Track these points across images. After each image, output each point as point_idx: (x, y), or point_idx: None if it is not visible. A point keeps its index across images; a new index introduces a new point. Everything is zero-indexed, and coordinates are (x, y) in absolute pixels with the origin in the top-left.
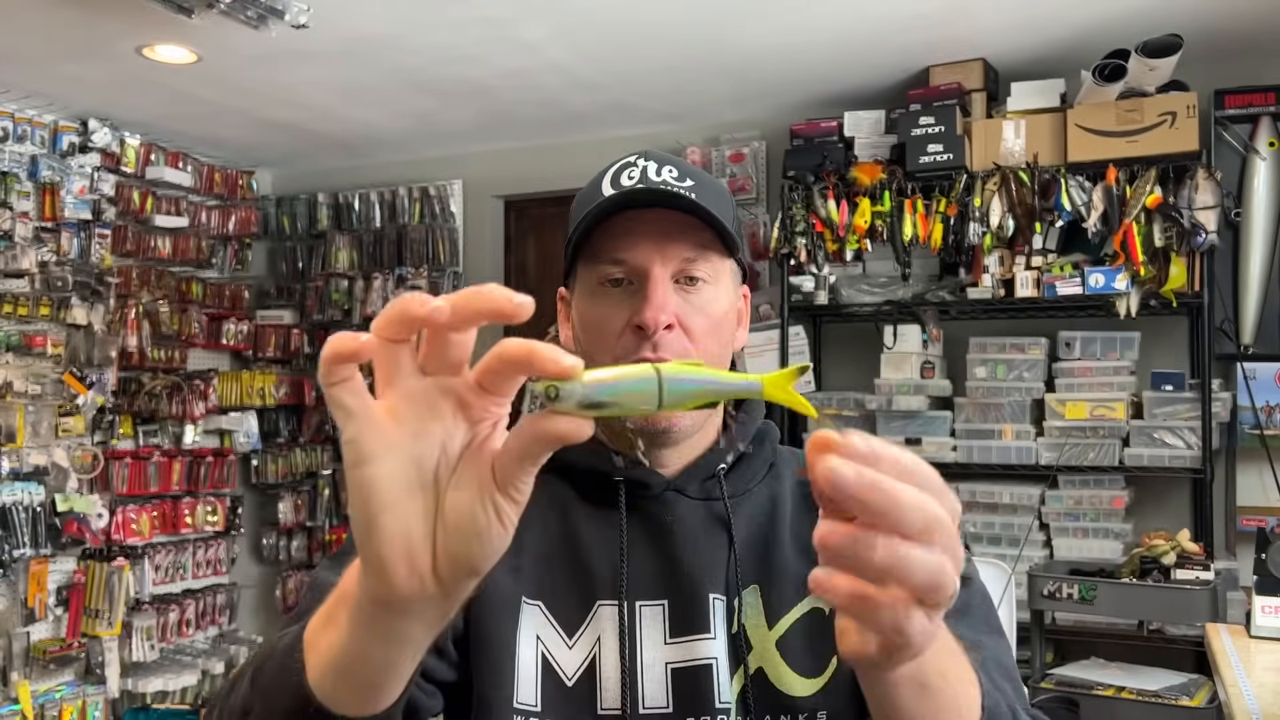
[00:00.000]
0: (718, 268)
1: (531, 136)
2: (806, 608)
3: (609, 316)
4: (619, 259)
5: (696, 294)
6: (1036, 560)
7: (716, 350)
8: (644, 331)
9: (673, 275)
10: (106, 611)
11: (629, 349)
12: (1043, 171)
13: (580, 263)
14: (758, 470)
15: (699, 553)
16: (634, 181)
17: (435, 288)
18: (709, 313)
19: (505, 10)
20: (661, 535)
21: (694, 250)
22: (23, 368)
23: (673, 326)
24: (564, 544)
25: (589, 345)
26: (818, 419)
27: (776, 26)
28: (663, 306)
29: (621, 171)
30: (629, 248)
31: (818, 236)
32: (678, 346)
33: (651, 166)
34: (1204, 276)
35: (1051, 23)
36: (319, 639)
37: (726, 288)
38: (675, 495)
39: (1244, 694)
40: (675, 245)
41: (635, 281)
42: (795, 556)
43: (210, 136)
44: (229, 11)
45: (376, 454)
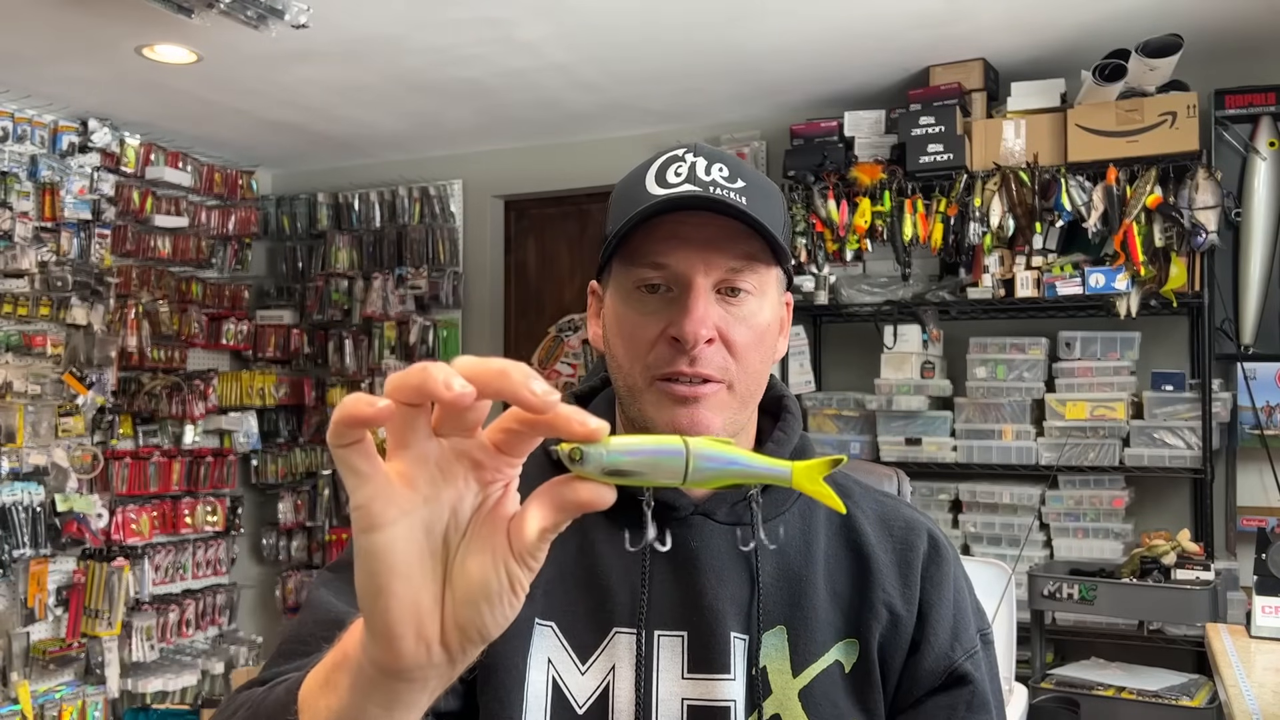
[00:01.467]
0: (764, 278)
1: (531, 136)
2: (833, 659)
3: (644, 323)
4: (660, 263)
5: (740, 306)
6: (1037, 560)
7: (758, 365)
8: (681, 344)
9: (715, 285)
10: (106, 611)
11: (663, 359)
12: (1043, 171)
13: (617, 261)
14: (791, 492)
15: (723, 585)
16: (681, 179)
17: (435, 287)
18: (752, 325)
19: (505, 10)
20: (686, 562)
21: (740, 260)
22: (23, 368)
23: (713, 340)
24: (582, 564)
25: (618, 350)
26: (844, 513)
27: (776, 26)
28: (703, 320)
29: (668, 166)
30: (670, 252)
31: (818, 236)
32: (717, 361)
33: (701, 163)
34: (1204, 276)
35: (1051, 23)
36: (317, 701)
37: (771, 298)
38: (702, 519)
39: (1244, 694)
40: (721, 254)
41: (675, 289)
42: (827, 600)
43: (210, 136)
44: (229, 11)
45: (388, 520)
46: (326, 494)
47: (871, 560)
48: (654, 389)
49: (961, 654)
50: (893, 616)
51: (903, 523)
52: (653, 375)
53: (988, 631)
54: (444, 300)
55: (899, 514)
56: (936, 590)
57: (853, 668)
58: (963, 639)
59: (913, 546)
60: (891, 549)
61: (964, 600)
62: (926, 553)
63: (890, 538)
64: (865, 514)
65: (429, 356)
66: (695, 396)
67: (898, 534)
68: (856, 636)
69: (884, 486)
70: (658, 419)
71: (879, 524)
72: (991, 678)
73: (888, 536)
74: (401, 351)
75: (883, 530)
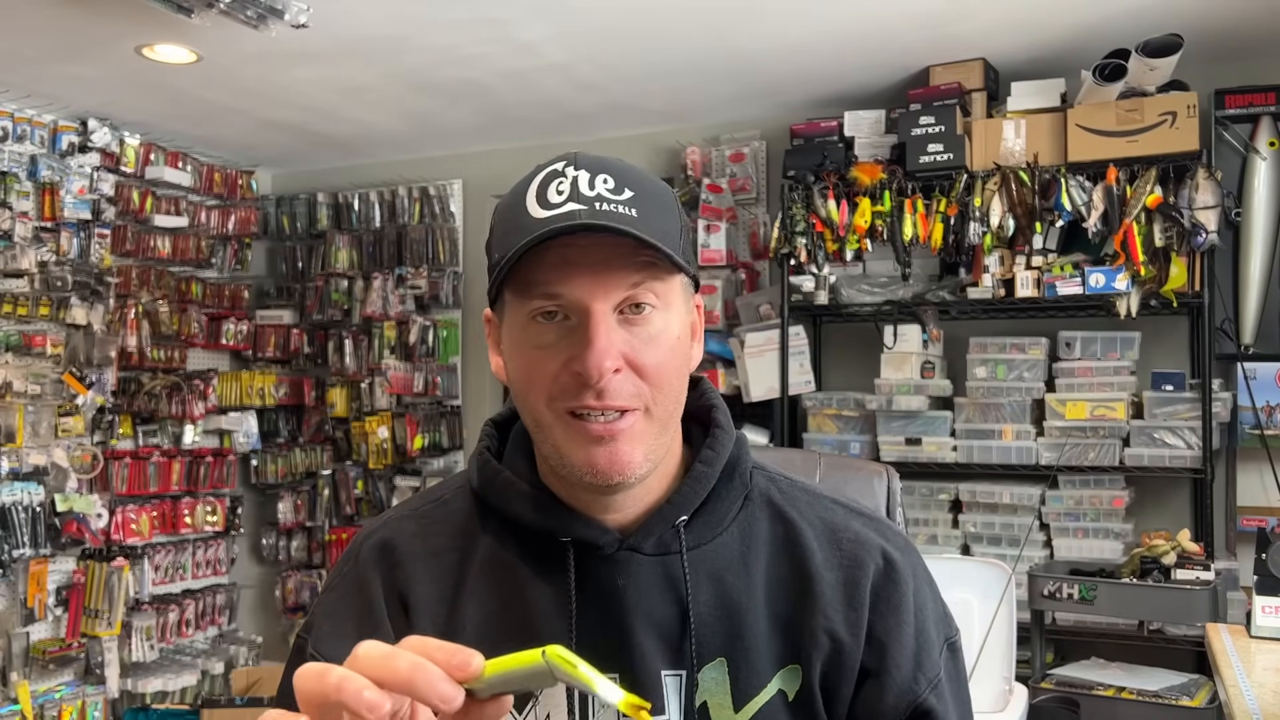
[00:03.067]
0: (667, 287)
1: (531, 136)
2: (775, 689)
3: (543, 357)
4: (552, 293)
5: (645, 325)
6: (1037, 560)
7: (674, 381)
8: (585, 379)
9: (616, 306)
10: (106, 611)
11: (569, 392)
12: (1043, 171)
13: (508, 289)
14: (726, 511)
15: (651, 622)
16: (564, 197)
17: (435, 287)
18: (660, 344)
19: (505, 10)
20: (612, 601)
21: (639, 274)
22: (22, 368)
23: (620, 369)
24: (507, 612)
25: (520, 384)
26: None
27: (776, 26)
28: (606, 351)
29: (549, 184)
30: (563, 280)
31: (818, 236)
32: (628, 389)
33: (583, 177)
34: (1204, 276)
35: (1051, 23)
36: None
37: (678, 309)
38: (629, 554)
39: (1244, 694)
40: (617, 274)
41: (573, 317)
42: (768, 625)
43: (210, 136)
44: (229, 11)
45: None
46: (326, 494)
47: (815, 581)
48: (563, 423)
49: (925, 685)
50: (835, 643)
51: (852, 537)
52: (560, 407)
53: (953, 638)
54: (444, 300)
55: (849, 528)
56: (893, 615)
57: (796, 696)
58: (926, 668)
59: (862, 565)
60: (838, 566)
61: (925, 620)
62: (879, 572)
63: (838, 554)
64: (813, 527)
65: (429, 357)
66: (611, 434)
67: (846, 549)
68: (798, 663)
69: (873, 484)
70: (574, 457)
71: (826, 539)
72: (956, 693)
73: (835, 553)
74: (401, 351)
75: (830, 546)
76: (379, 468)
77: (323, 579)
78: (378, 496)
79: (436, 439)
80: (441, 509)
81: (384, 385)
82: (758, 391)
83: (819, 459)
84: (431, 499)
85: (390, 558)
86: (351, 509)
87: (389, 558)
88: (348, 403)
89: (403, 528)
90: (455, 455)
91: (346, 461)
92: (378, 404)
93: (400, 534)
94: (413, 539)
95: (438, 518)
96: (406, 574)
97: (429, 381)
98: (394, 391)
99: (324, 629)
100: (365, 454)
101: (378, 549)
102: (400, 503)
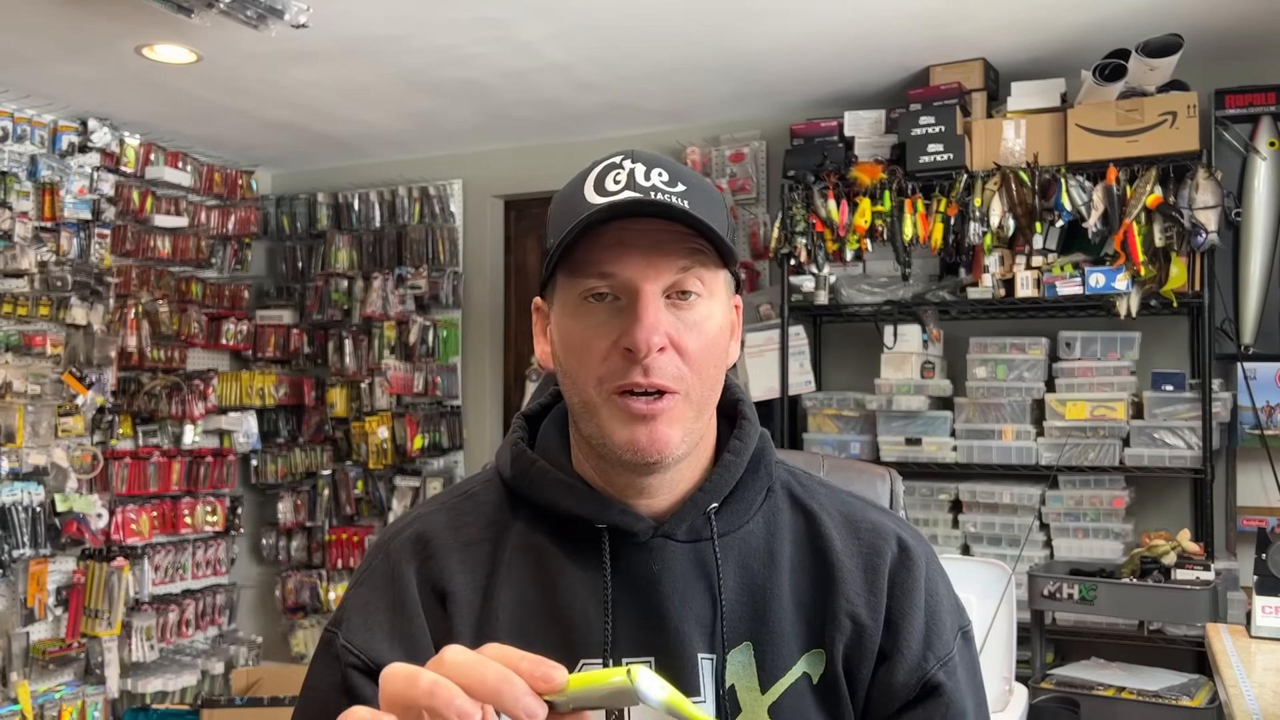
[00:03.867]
0: (713, 279)
1: (531, 136)
2: (800, 671)
3: (594, 336)
4: (606, 273)
5: (690, 310)
6: (1037, 560)
7: (712, 370)
8: (633, 354)
9: (664, 290)
10: (106, 611)
11: (616, 371)
12: (1043, 171)
13: (561, 274)
14: (753, 500)
15: (686, 607)
16: (621, 186)
17: (435, 287)
18: (703, 330)
19: (505, 10)
20: (647, 587)
21: (688, 259)
22: (22, 368)
23: (665, 348)
24: (543, 598)
25: (571, 365)
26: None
27: (776, 26)
28: (654, 327)
29: (606, 174)
30: (616, 260)
31: (818, 236)
32: (671, 370)
33: (640, 169)
34: (1204, 276)
35: (1051, 23)
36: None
37: (721, 301)
38: (663, 541)
39: (1244, 694)
40: (667, 258)
41: (623, 298)
42: (792, 611)
43: (210, 136)
44: (229, 11)
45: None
46: (326, 494)
47: (836, 568)
48: (610, 403)
49: (935, 663)
50: (856, 626)
51: (870, 526)
52: (608, 389)
53: (967, 627)
54: (444, 300)
55: (866, 518)
56: (907, 598)
57: (820, 679)
58: (936, 647)
59: (880, 552)
60: (858, 554)
61: (938, 605)
62: (895, 558)
63: (857, 542)
64: (832, 518)
65: (429, 357)
66: (652, 414)
67: (864, 538)
68: (822, 647)
69: (875, 486)
70: (616, 436)
71: (845, 528)
72: (970, 677)
73: (854, 541)
74: (401, 351)
75: (849, 535)
76: (379, 468)
77: (323, 579)
78: (378, 497)
79: (436, 439)
80: (470, 502)
81: (384, 385)
82: (757, 391)
83: (823, 461)
84: (459, 494)
85: (425, 550)
86: (351, 509)
87: (424, 550)
88: (348, 403)
89: (434, 520)
90: (455, 455)
91: (346, 461)
92: (378, 404)
93: (433, 526)
94: (445, 531)
95: (467, 510)
96: (441, 565)
97: (429, 381)
98: (394, 391)
99: (354, 621)
100: (365, 454)
101: (412, 542)
102: (426, 500)
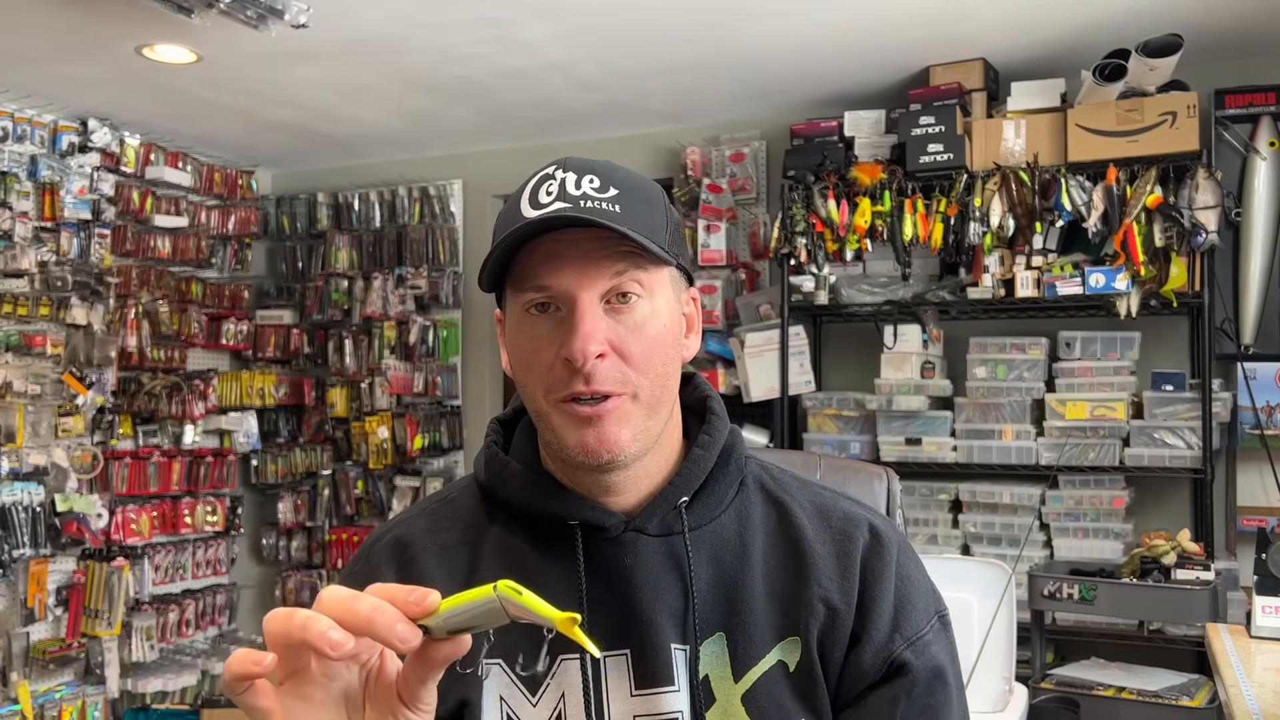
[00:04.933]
0: (652, 279)
1: (531, 136)
2: (774, 660)
3: (538, 348)
4: (542, 285)
5: (630, 312)
6: (1037, 560)
7: (660, 369)
8: (573, 364)
9: (603, 295)
10: (106, 611)
11: (560, 381)
12: (1043, 171)
13: (508, 287)
14: (724, 494)
15: (659, 599)
16: (553, 198)
17: (435, 287)
18: (645, 331)
19: (505, 10)
20: (621, 581)
21: (622, 263)
22: (22, 368)
23: (604, 355)
24: None
25: (520, 375)
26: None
27: (776, 26)
28: (590, 336)
29: (540, 186)
30: (551, 273)
31: (818, 236)
32: (614, 375)
33: (570, 179)
34: (1204, 276)
35: (1051, 23)
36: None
37: (666, 298)
38: (634, 535)
39: (1244, 694)
40: (600, 265)
41: (563, 308)
42: (765, 601)
43: (210, 136)
44: (229, 11)
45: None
46: (326, 494)
47: (809, 555)
48: (558, 410)
49: (901, 643)
50: (830, 610)
51: (841, 515)
52: (554, 398)
53: (944, 613)
54: (444, 300)
55: (837, 507)
56: (878, 582)
57: (797, 666)
58: (904, 628)
59: (851, 538)
60: (830, 540)
61: (909, 589)
62: (867, 544)
63: (829, 529)
64: (803, 508)
65: (429, 357)
66: (598, 415)
67: (836, 526)
68: (797, 634)
69: (873, 485)
70: (569, 440)
71: (817, 517)
72: (946, 659)
73: (826, 529)
74: (401, 351)
75: (821, 523)
76: (379, 468)
77: (323, 579)
78: (378, 497)
79: (436, 439)
80: (449, 507)
81: (384, 385)
82: (758, 391)
83: (819, 460)
84: (438, 499)
85: (404, 554)
86: (351, 509)
87: (402, 554)
88: (348, 403)
89: (414, 525)
90: (455, 455)
91: (346, 461)
92: (378, 404)
93: (412, 531)
94: (424, 535)
95: (446, 515)
96: (420, 568)
97: (429, 381)
98: (394, 391)
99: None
100: (365, 454)
101: (391, 547)
102: (406, 507)
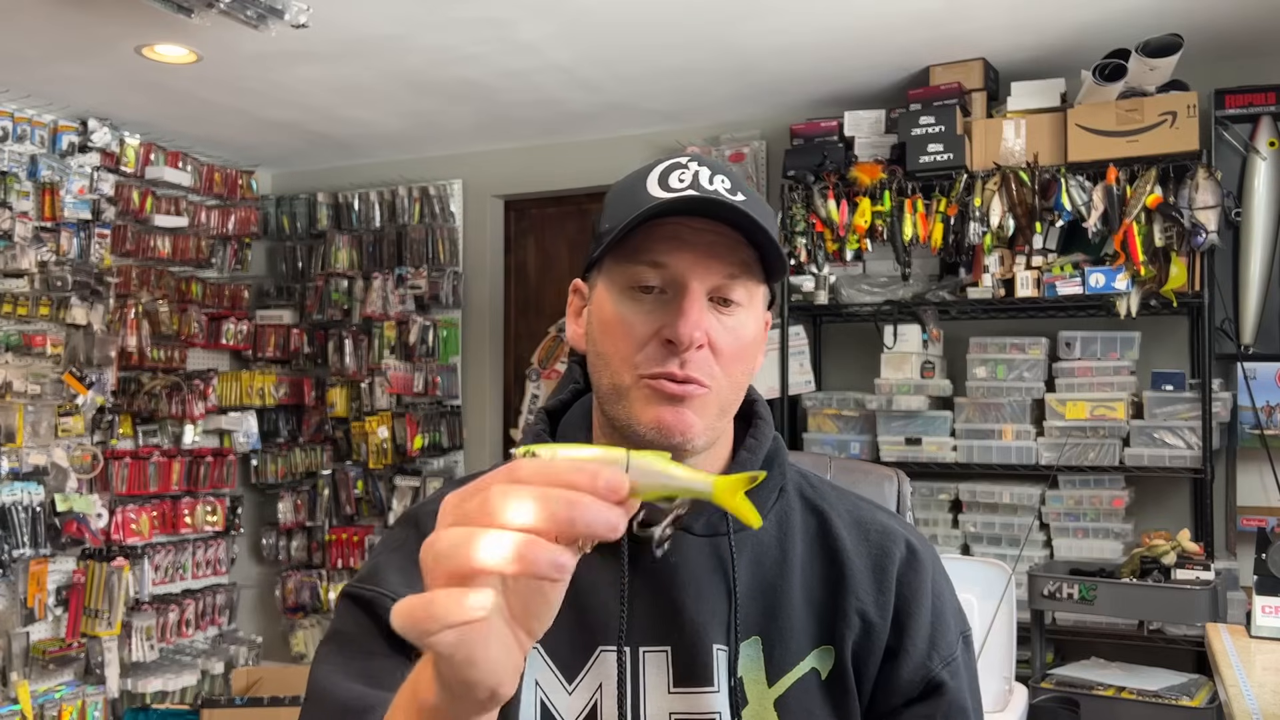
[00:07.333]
0: (753, 292)
1: (531, 136)
2: (808, 667)
3: (637, 323)
4: (658, 263)
5: (730, 316)
6: (1037, 560)
7: (740, 376)
8: (674, 346)
9: (708, 292)
10: (106, 611)
11: (653, 358)
12: (1043, 171)
13: (611, 258)
14: (767, 499)
15: (702, 599)
16: (685, 185)
17: (435, 287)
18: (739, 336)
19: (505, 10)
20: (665, 577)
21: (737, 267)
22: (22, 368)
23: (703, 346)
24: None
25: (606, 347)
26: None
27: (776, 26)
28: (698, 323)
29: (671, 172)
30: (670, 254)
31: (818, 236)
32: (705, 367)
33: (704, 172)
34: (1204, 276)
35: (1051, 23)
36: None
37: (758, 313)
38: (680, 534)
39: (1244, 694)
40: (718, 261)
41: (670, 291)
42: (802, 608)
43: (210, 136)
44: (229, 11)
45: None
46: (326, 494)
47: (846, 566)
48: (641, 386)
49: (939, 662)
50: (865, 623)
51: (879, 528)
52: (640, 374)
53: (967, 632)
54: (444, 300)
55: (875, 519)
56: (914, 598)
57: (829, 675)
58: (940, 647)
59: (888, 553)
60: (867, 554)
61: (943, 606)
62: (903, 559)
63: (866, 542)
64: (842, 519)
65: (428, 357)
66: (684, 395)
67: (874, 539)
68: (832, 643)
69: (883, 487)
70: (643, 417)
71: (855, 529)
72: (970, 680)
73: (864, 541)
74: (401, 351)
75: (859, 535)
76: (379, 468)
77: (323, 579)
78: (378, 497)
79: (436, 439)
80: None
81: (384, 385)
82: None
83: (829, 462)
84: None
85: None
86: (351, 509)
87: None
88: (348, 403)
89: None
90: (455, 455)
91: (346, 461)
92: (378, 404)
93: None
94: None
95: None
96: None
97: (429, 381)
98: (394, 391)
99: (393, 578)
100: (365, 454)
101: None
102: (445, 484)
